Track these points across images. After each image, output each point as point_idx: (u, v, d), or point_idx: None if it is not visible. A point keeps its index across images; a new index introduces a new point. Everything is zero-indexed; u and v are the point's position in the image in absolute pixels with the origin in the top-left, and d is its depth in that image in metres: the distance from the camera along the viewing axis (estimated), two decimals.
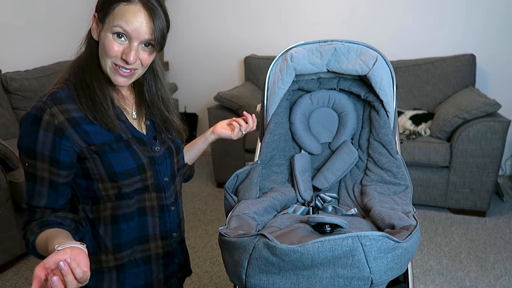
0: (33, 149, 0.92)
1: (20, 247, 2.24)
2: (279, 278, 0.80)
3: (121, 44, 0.95)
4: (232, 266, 0.87)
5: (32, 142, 0.92)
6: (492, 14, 2.92)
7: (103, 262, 1.03)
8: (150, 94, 1.10)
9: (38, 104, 0.94)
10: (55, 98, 0.95)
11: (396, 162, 1.29)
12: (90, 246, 1.01)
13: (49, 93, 0.97)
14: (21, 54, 3.09)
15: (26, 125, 0.93)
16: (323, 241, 0.77)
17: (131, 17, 0.93)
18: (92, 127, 0.97)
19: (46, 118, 0.92)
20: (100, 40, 0.97)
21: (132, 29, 0.93)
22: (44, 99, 0.95)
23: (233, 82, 3.65)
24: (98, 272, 1.03)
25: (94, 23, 0.98)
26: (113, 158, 0.97)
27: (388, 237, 0.80)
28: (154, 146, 1.07)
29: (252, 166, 1.30)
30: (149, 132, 1.08)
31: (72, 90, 0.98)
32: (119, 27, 0.93)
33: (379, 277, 0.79)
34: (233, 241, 0.87)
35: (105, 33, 0.95)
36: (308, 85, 1.46)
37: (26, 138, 0.93)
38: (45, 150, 0.92)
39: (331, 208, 1.20)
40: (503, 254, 2.20)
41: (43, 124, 0.92)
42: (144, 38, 0.95)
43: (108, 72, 0.97)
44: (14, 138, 2.77)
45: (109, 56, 0.95)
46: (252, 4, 3.52)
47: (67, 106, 0.95)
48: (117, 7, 0.93)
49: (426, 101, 3.01)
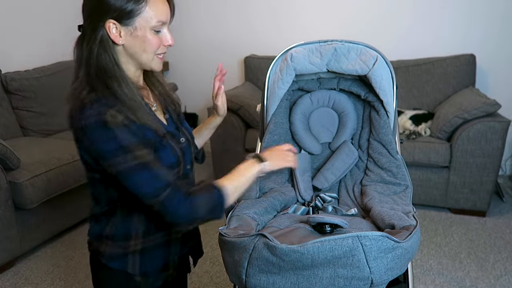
0: (123, 145, 0.93)
1: (20, 247, 2.24)
2: (279, 278, 0.80)
3: (160, 35, 1.00)
4: (232, 266, 0.87)
5: (117, 141, 0.93)
6: (492, 14, 2.91)
7: (131, 246, 1.07)
8: (153, 79, 1.15)
9: (91, 112, 0.93)
10: (104, 103, 0.95)
11: (396, 162, 1.29)
12: (121, 233, 1.06)
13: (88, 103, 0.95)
14: (21, 54, 3.09)
15: (98, 132, 0.92)
16: (323, 241, 0.77)
17: (164, 6, 0.99)
18: (138, 125, 0.99)
19: (110, 119, 0.93)
20: (130, 41, 0.98)
21: (166, 18, 1.00)
22: (94, 106, 0.94)
23: (233, 82, 3.65)
24: (123, 256, 1.07)
25: (112, 29, 0.96)
26: (162, 154, 1.01)
27: (388, 237, 0.80)
28: (180, 137, 1.12)
29: None
30: (171, 125, 1.12)
31: (107, 98, 0.97)
32: (160, 22, 0.98)
33: (379, 277, 0.79)
34: (233, 241, 0.87)
35: (144, 32, 0.97)
36: (308, 85, 1.46)
37: (109, 142, 0.93)
38: (132, 140, 0.94)
39: (331, 208, 1.20)
40: (503, 254, 2.20)
41: (112, 125, 0.92)
42: (171, 19, 1.03)
43: (152, 64, 1.03)
44: (14, 138, 2.77)
45: (154, 50, 1.01)
46: (252, 4, 3.52)
47: (116, 108, 0.96)
48: (145, 5, 0.95)
49: (426, 101, 3.01)
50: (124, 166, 0.93)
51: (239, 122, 2.99)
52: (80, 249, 2.41)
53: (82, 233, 2.59)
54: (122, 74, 0.99)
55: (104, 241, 1.08)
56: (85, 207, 2.64)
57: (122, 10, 0.95)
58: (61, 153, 2.46)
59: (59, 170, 2.35)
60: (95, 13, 0.96)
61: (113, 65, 0.98)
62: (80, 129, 0.94)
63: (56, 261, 2.30)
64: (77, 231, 2.62)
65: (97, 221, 1.10)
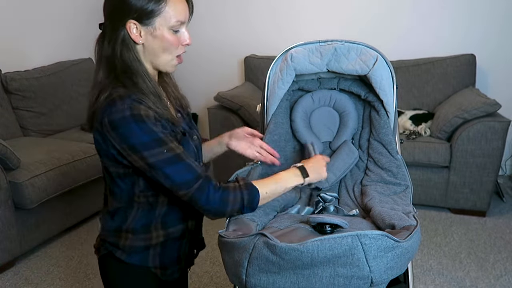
0: (158, 137, 0.96)
1: (20, 247, 2.24)
2: (279, 278, 0.80)
3: (179, 35, 1.02)
4: (232, 267, 0.87)
5: (152, 133, 0.95)
6: (492, 14, 2.91)
7: (153, 238, 1.08)
8: (164, 79, 1.16)
9: (124, 106, 0.95)
10: (135, 99, 0.97)
11: (396, 162, 1.29)
12: (142, 224, 1.07)
13: (119, 97, 0.97)
14: (21, 54, 3.09)
15: (131, 125, 0.94)
16: (323, 239, 0.77)
17: (183, 6, 1.01)
18: (165, 122, 1.02)
19: (144, 112, 0.95)
20: (151, 40, 1.00)
21: (185, 18, 1.01)
22: (126, 101, 0.96)
23: (233, 82, 3.65)
24: (145, 249, 1.08)
25: (132, 29, 0.98)
26: (186, 150, 1.03)
27: (388, 236, 0.80)
28: (193, 135, 1.15)
29: (253, 166, 1.31)
30: (184, 123, 1.14)
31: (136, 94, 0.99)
32: (178, 22, 1.00)
33: (379, 276, 0.79)
34: (233, 242, 0.87)
35: (162, 32, 0.99)
36: (308, 85, 1.46)
37: (143, 135, 0.95)
38: (165, 133, 0.98)
39: (332, 208, 1.20)
40: (503, 254, 2.20)
41: (146, 118, 0.95)
42: (189, 19, 1.04)
43: (167, 66, 1.05)
44: (14, 138, 2.77)
45: (174, 50, 1.03)
46: (252, 4, 3.52)
47: (146, 105, 0.98)
48: (165, 5, 0.97)
49: (426, 101, 3.01)
50: (159, 157, 0.95)
51: (239, 122, 2.99)
52: (80, 249, 2.41)
53: (82, 233, 2.59)
54: (145, 70, 1.02)
55: (124, 234, 1.08)
56: (85, 207, 2.64)
57: (142, 10, 0.96)
58: (61, 153, 2.46)
59: (59, 170, 2.35)
60: (116, 13, 0.98)
61: (136, 62, 1.01)
62: (110, 123, 0.95)
63: (56, 261, 2.30)
64: (77, 231, 2.62)
65: (113, 216, 1.10)
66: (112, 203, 1.11)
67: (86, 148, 2.57)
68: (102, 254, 1.14)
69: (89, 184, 2.58)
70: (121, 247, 1.08)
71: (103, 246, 1.12)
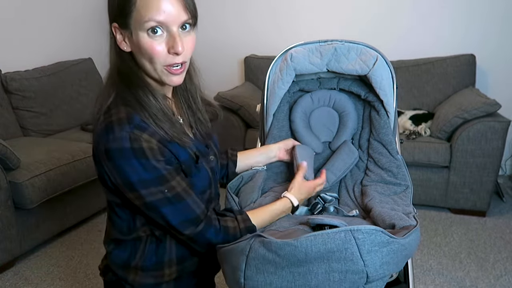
0: (160, 175, 0.85)
1: (20, 247, 2.24)
2: (276, 278, 0.80)
3: (161, 39, 0.83)
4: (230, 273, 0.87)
5: (153, 170, 0.84)
6: (492, 14, 2.91)
7: (166, 275, 0.99)
8: (185, 93, 1.02)
9: (122, 135, 0.82)
10: (137, 126, 0.84)
11: (397, 162, 1.29)
12: (153, 262, 0.98)
13: (117, 122, 0.84)
14: (21, 54, 3.09)
15: (131, 161, 0.82)
16: (316, 235, 0.78)
17: (158, 1, 0.80)
18: (172, 145, 0.90)
19: (146, 145, 0.83)
20: (134, 47, 0.85)
21: (165, 16, 0.81)
22: (125, 129, 0.83)
23: (233, 82, 3.65)
24: (157, 285, 0.99)
25: (117, 35, 0.86)
26: (196, 178, 0.94)
27: (382, 231, 0.80)
28: (209, 155, 1.02)
29: (258, 170, 1.30)
30: (199, 140, 1.01)
31: (138, 114, 0.87)
32: (151, 20, 0.80)
33: (374, 270, 0.79)
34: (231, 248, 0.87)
35: (137, 36, 0.82)
36: (308, 86, 1.46)
37: (143, 172, 0.83)
38: (167, 169, 0.86)
39: (332, 208, 1.20)
40: (503, 254, 2.20)
41: (148, 152, 0.83)
42: (181, 21, 0.83)
43: (160, 76, 0.87)
44: (14, 138, 2.77)
45: (156, 59, 0.84)
46: (252, 4, 3.52)
47: (150, 130, 0.86)
48: (135, 1, 0.80)
49: (426, 101, 3.01)
50: (157, 197, 0.86)
51: (239, 122, 2.99)
52: (80, 249, 2.41)
53: (82, 233, 2.59)
54: (144, 82, 0.89)
55: (133, 270, 0.98)
56: (85, 207, 2.64)
57: (115, 8, 0.83)
58: (61, 153, 2.46)
59: (59, 170, 2.35)
60: (108, 15, 0.86)
61: (131, 73, 0.88)
62: (106, 152, 0.83)
63: (56, 261, 2.30)
64: (77, 231, 2.62)
65: (118, 246, 1.00)
66: (113, 232, 1.00)
67: (86, 148, 2.57)
68: (109, 280, 1.04)
69: (89, 184, 2.58)
70: (130, 282, 0.98)
71: (111, 272, 1.02)
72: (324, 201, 1.22)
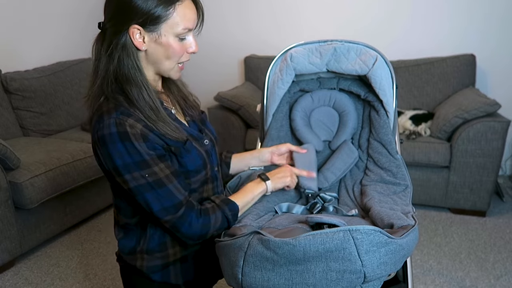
0: (142, 159, 0.91)
1: (20, 247, 2.24)
2: (274, 275, 0.80)
3: (185, 41, 0.98)
4: (229, 269, 0.87)
5: (136, 155, 0.90)
6: (492, 14, 2.91)
7: (171, 256, 1.05)
8: (170, 83, 1.11)
9: (110, 121, 0.90)
10: (123, 112, 0.92)
11: (396, 162, 1.29)
12: (156, 243, 1.04)
13: (106, 111, 0.92)
14: (21, 54, 3.10)
15: (116, 144, 0.89)
16: (315, 234, 0.78)
17: (192, 13, 0.96)
18: (157, 135, 0.96)
19: (130, 130, 0.90)
20: (155, 46, 0.95)
21: (193, 25, 0.97)
22: (112, 116, 0.91)
23: (233, 82, 3.65)
24: (163, 267, 1.05)
25: (135, 34, 0.92)
26: (186, 158, 0.99)
27: (380, 231, 0.80)
28: (203, 140, 1.09)
29: (256, 170, 1.30)
30: (193, 127, 1.09)
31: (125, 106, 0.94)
32: (186, 29, 0.95)
33: (371, 270, 0.79)
34: (229, 243, 0.87)
35: (167, 39, 0.94)
36: (308, 86, 1.46)
37: (127, 155, 0.90)
38: (150, 154, 0.92)
39: (332, 208, 1.20)
40: (503, 254, 2.20)
41: (132, 136, 0.90)
42: (197, 26, 1.00)
43: (171, 71, 1.00)
44: (14, 138, 2.77)
45: (177, 58, 0.98)
46: (252, 4, 3.52)
47: (136, 116, 0.93)
48: (173, 11, 0.92)
49: (426, 101, 3.01)
50: (139, 182, 0.91)
51: (239, 122, 2.99)
52: (80, 249, 2.41)
53: (82, 233, 2.59)
54: (144, 80, 0.96)
55: (139, 256, 1.05)
56: (85, 207, 2.65)
57: (149, 15, 0.90)
58: (61, 153, 2.46)
59: (59, 170, 2.35)
60: (119, 16, 0.91)
61: (135, 71, 0.94)
62: (98, 140, 0.92)
63: (56, 261, 2.30)
64: (77, 231, 2.62)
65: (126, 233, 1.07)
66: (119, 218, 1.07)
67: (86, 148, 2.57)
68: (123, 265, 1.11)
69: (89, 184, 2.58)
70: (139, 267, 1.05)
71: (120, 261, 1.11)
72: (324, 201, 1.22)
